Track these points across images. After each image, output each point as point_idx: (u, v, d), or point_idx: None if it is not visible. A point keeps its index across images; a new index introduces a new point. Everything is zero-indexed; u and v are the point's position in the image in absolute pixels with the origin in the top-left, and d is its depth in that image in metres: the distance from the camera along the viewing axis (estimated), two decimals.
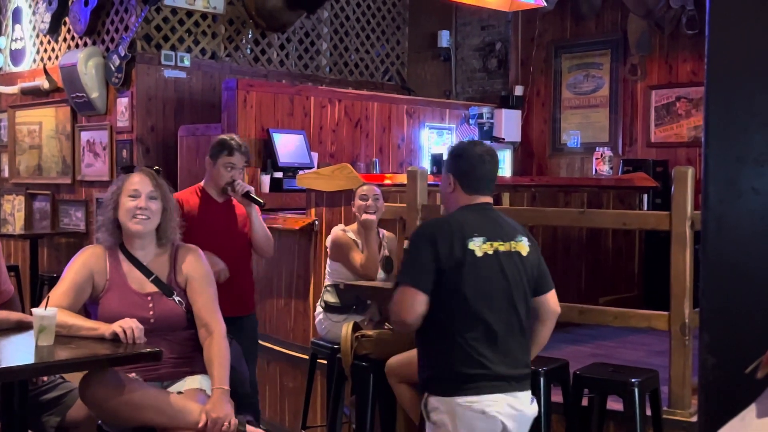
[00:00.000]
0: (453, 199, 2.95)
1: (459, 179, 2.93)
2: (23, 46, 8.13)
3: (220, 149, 4.01)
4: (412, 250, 2.83)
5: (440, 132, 7.62)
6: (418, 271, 2.78)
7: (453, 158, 2.99)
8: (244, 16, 7.55)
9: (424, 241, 2.81)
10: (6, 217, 8.42)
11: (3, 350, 2.58)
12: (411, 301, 2.76)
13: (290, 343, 5.09)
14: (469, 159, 2.93)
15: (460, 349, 2.80)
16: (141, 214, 2.97)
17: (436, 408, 2.84)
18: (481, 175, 2.93)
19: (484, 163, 2.93)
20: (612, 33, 7.65)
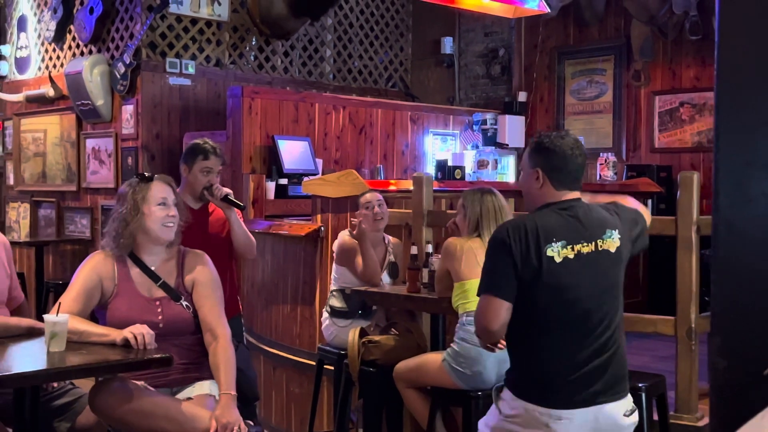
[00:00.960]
0: (540, 195, 2.75)
1: (549, 174, 2.71)
2: (28, 54, 8.16)
3: (194, 154, 3.92)
4: (489, 255, 2.71)
5: (444, 138, 7.64)
6: (499, 279, 2.64)
7: (541, 151, 2.75)
8: (249, 23, 7.58)
9: (500, 247, 2.65)
10: (11, 225, 8.44)
11: (15, 356, 2.60)
12: (495, 310, 2.62)
13: (296, 349, 5.10)
14: (561, 152, 2.71)
15: (537, 356, 2.67)
16: (170, 222, 3.02)
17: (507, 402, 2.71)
18: (572, 169, 2.74)
19: (575, 156, 2.74)
20: (615, 39, 7.67)
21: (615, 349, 2.69)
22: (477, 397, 3.48)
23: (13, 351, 2.62)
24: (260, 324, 5.54)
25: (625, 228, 2.80)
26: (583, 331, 2.64)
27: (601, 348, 2.65)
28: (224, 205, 3.92)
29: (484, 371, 3.46)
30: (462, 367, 3.47)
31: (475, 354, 3.45)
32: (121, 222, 2.99)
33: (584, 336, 2.64)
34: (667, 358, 5.07)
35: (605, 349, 2.66)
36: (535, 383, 2.66)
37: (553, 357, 2.65)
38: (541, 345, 2.66)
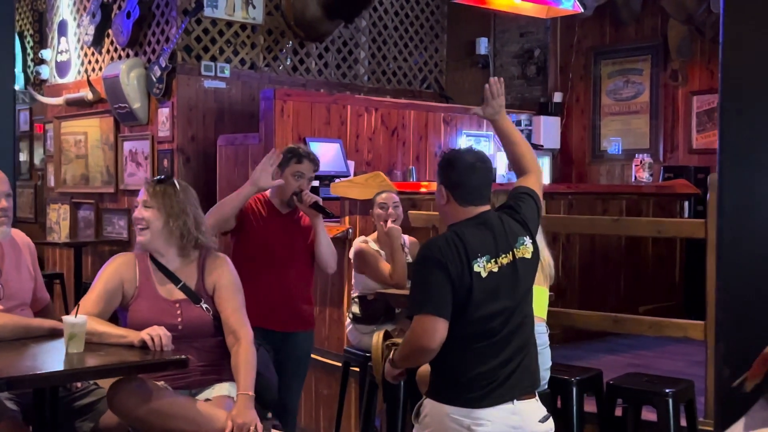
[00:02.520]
0: (449, 212, 2.81)
1: (452, 191, 2.77)
2: (68, 58, 8.31)
3: (289, 157, 3.82)
4: (423, 274, 2.69)
5: (477, 139, 7.59)
6: (436, 297, 2.65)
7: (443, 168, 2.81)
8: (283, 26, 7.62)
9: (434, 265, 2.66)
10: (52, 226, 8.60)
11: (35, 357, 2.64)
12: (433, 329, 2.63)
13: (325, 350, 5.11)
14: (461, 169, 2.76)
15: (461, 364, 2.71)
16: (137, 224, 3.03)
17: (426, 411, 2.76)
18: (476, 185, 2.77)
19: (475, 171, 2.77)
20: (652, 38, 7.56)
21: (530, 348, 2.82)
22: None
23: (33, 352, 2.67)
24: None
25: (532, 227, 2.89)
26: (505, 335, 2.72)
27: (520, 349, 2.75)
28: (312, 213, 3.82)
29: None
30: None
31: None
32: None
33: (506, 340, 2.72)
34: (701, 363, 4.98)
35: (523, 350, 2.77)
36: (458, 388, 2.70)
37: (477, 363, 2.69)
38: (465, 354, 2.70)
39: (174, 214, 2.99)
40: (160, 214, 2.99)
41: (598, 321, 3.95)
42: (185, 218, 3.00)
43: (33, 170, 9.84)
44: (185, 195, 3.04)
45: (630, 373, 3.94)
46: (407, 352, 2.78)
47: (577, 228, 4.41)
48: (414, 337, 2.69)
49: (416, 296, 2.72)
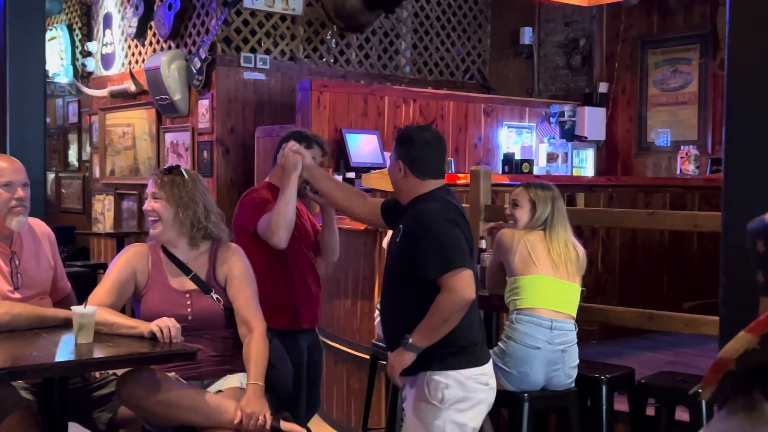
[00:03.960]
0: (406, 184, 2.96)
1: (410, 165, 2.93)
2: (113, 51, 8.40)
3: (296, 141, 3.50)
4: (442, 232, 2.82)
5: (519, 131, 7.47)
6: (464, 252, 2.84)
7: (402, 143, 2.98)
8: (323, 17, 7.59)
9: (451, 224, 2.84)
10: (97, 216, 8.72)
11: (44, 347, 2.64)
12: (470, 281, 2.80)
13: (356, 343, 5.06)
14: (419, 144, 2.95)
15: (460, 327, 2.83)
16: (149, 216, 3.00)
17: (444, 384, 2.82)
18: (434, 160, 2.98)
19: (432, 147, 2.98)
20: (701, 27, 7.33)
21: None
22: (523, 398, 3.36)
23: (43, 342, 2.67)
24: (323, 318, 5.51)
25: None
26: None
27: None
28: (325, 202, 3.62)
29: (531, 372, 3.34)
30: (508, 366, 3.35)
31: (522, 354, 3.33)
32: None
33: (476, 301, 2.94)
34: None
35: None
36: (464, 351, 2.85)
37: (471, 324, 2.89)
38: (466, 316, 2.84)
39: (183, 204, 2.95)
40: (169, 204, 2.96)
41: (632, 318, 3.83)
42: (195, 207, 2.97)
43: (81, 162, 9.99)
44: (194, 184, 3.00)
45: (663, 372, 3.81)
46: (448, 314, 2.79)
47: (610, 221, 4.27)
48: (456, 295, 2.76)
49: (444, 254, 2.79)
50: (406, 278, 2.90)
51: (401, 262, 2.91)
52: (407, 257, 2.86)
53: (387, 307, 3.09)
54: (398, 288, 2.96)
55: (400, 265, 2.92)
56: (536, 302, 3.43)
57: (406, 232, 2.89)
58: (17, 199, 2.93)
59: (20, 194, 2.94)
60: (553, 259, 3.50)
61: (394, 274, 2.98)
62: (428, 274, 2.79)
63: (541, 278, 3.47)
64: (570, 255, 3.54)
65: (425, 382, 2.83)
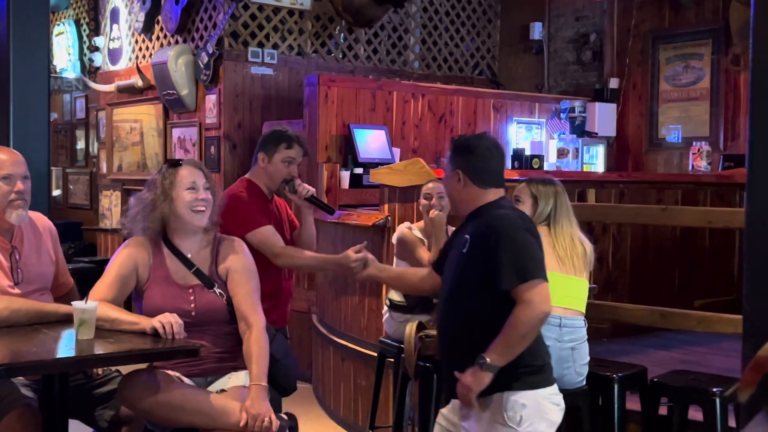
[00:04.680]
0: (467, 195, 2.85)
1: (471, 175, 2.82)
2: (120, 45, 8.36)
3: (277, 142, 3.53)
4: (524, 241, 2.70)
5: (529, 127, 7.39)
6: (541, 264, 2.73)
7: (461, 153, 2.86)
8: (331, 11, 7.53)
9: (527, 233, 2.74)
10: (104, 212, 8.69)
11: (43, 343, 2.58)
12: (547, 293, 2.67)
13: (363, 340, 5.01)
14: (480, 153, 2.84)
15: (534, 345, 2.72)
16: (200, 206, 2.95)
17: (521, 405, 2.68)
18: (496, 168, 2.88)
19: (494, 155, 2.88)
20: (713, 22, 7.23)
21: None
22: None
23: (43, 338, 2.62)
24: (330, 315, 5.48)
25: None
26: None
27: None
28: (306, 205, 3.61)
29: None
30: None
31: None
32: (147, 206, 2.96)
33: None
34: None
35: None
36: (540, 370, 2.74)
37: (541, 340, 2.79)
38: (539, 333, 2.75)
39: (217, 198, 3.00)
40: (212, 196, 2.98)
41: (644, 315, 3.76)
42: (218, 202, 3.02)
43: (89, 157, 9.95)
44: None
45: (676, 371, 3.74)
46: (526, 329, 2.64)
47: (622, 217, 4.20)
48: (534, 308, 2.62)
49: (521, 263, 2.66)
50: (474, 290, 2.74)
51: (469, 272, 2.75)
52: (477, 267, 2.72)
53: (448, 322, 2.86)
54: (464, 301, 2.78)
55: (468, 276, 2.76)
56: None
57: (476, 241, 2.74)
58: (17, 192, 2.88)
59: (20, 187, 2.89)
60: (559, 255, 3.43)
61: (460, 286, 2.80)
62: (503, 284, 2.64)
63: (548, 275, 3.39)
64: (576, 250, 3.47)
65: (502, 404, 2.68)
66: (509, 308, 2.64)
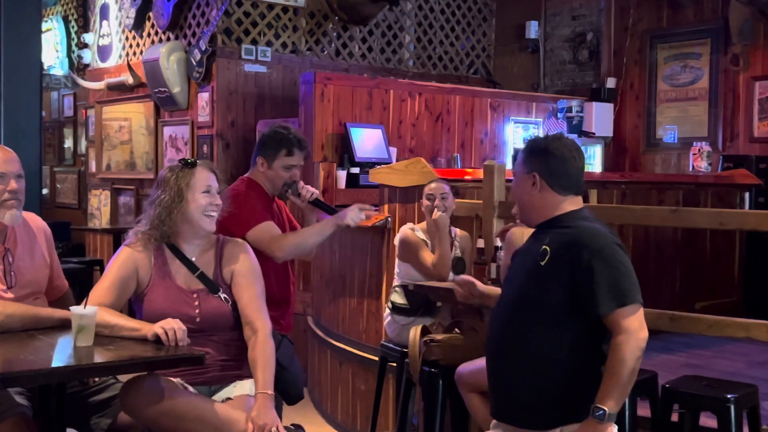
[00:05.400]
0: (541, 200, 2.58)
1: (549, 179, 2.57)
2: (110, 42, 8.21)
3: (278, 147, 3.39)
4: (621, 260, 2.47)
5: (526, 126, 7.30)
6: (637, 284, 2.50)
7: (539, 155, 2.59)
8: (326, 9, 7.42)
9: (621, 250, 2.51)
10: (93, 212, 8.54)
11: (40, 351, 2.45)
12: (643, 318, 2.48)
13: (362, 344, 4.90)
14: (561, 156, 2.57)
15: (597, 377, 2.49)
16: (212, 211, 2.84)
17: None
18: (576, 173, 2.61)
19: (575, 159, 2.61)
20: (712, 21, 7.18)
21: None
22: None
23: (39, 345, 2.49)
24: (327, 317, 5.37)
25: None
26: None
27: None
28: (309, 208, 3.51)
29: None
30: None
31: None
32: (165, 209, 2.81)
33: None
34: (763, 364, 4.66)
35: None
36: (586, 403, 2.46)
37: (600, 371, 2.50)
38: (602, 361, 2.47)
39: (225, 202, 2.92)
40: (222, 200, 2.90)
41: (653, 319, 3.64)
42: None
43: (77, 156, 9.79)
44: None
45: (687, 376, 3.64)
46: (635, 363, 2.44)
47: (631, 219, 4.11)
48: (636, 337, 2.44)
49: (619, 285, 2.43)
50: (550, 306, 2.49)
51: (547, 287, 2.50)
52: (559, 284, 2.47)
53: (509, 334, 2.59)
54: (534, 316, 2.52)
55: (544, 290, 2.50)
56: None
57: (561, 255, 2.47)
58: (11, 191, 2.75)
59: (14, 186, 2.76)
60: None
61: (530, 299, 2.54)
62: (601, 309, 2.41)
63: None
64: None
65: None
66: (589, 330, 2.47)
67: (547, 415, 2.51)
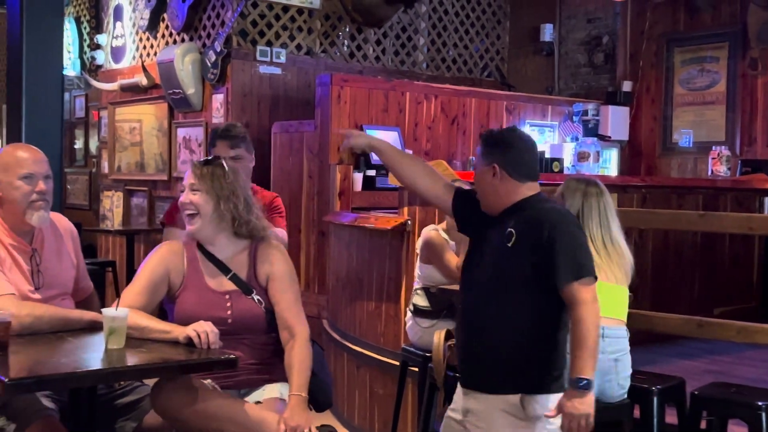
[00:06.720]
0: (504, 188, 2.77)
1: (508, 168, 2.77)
2: (123, 43, 8.19)
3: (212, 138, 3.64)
4: (579, 237, 2.72)
5: (542, 129, 7.26)
6: (593, 260, 2.74)
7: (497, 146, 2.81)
8: (341, 11, 7.39)
9: (580, 228, 2.80)
10: (105, 213, 8.52)
11: (72, 353, 2.42)
12: (596, 292, 2.67)
13: (381, 348, 4.86)
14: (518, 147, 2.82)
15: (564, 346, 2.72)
16: (185, 209, 2.80)
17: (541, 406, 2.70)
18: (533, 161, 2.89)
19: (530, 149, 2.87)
20: (730, 25, 7.13)
21: None
22: None
23: (69, 347, 2.45)
24: (344, 320, 5.33)
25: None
26: None
27: None
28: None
29: None
30: None
31: None
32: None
33: None
34: None
35: None
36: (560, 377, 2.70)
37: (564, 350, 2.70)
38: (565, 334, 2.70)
39: (224, 196, 2.76)
40: (209, 197, 2.76)
41: (679, 325, 3.63)
42: (236, 201, 2.77)
43: (88, 157, 9.77)
44: (234, 176, 2.81)
45: (715, 383, 3.61)
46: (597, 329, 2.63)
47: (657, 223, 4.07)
48: (593, 306, 2.61)
49: (577, 259, 2.65)
50: (518, 283, 2.69)
51: (514, 266, 2.69)
52: (524, 261, 2.66)
53: (480, 313, 2.79)
54: (504, 294, 2.72)
55: (512, 269, 2.70)
56: None
57: (525, 235, 2.68)
58: (39, 192, 2.72)
59: (42, 187, 2.73)
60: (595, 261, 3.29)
61: (500, 279, 2.73)
62: (558, 280, 2.61)
63: None
64: (612, 256, 3.33)
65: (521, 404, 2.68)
66: (554, 307, 2.67)
67: (511, 381, 2.70)
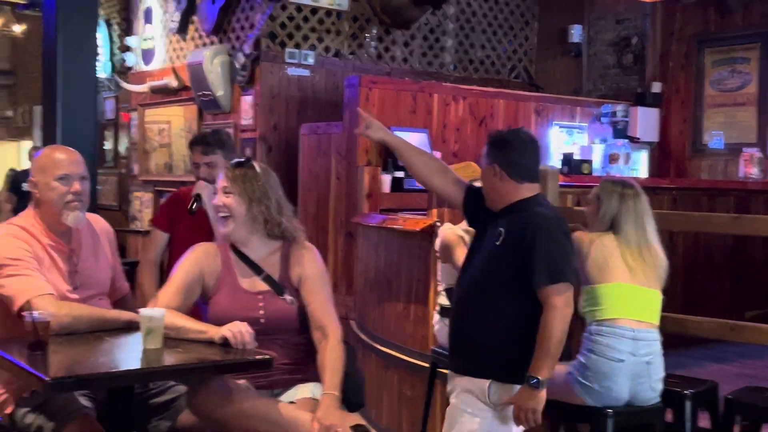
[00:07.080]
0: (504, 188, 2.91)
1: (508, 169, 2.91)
2: (153, 46, 8.27)
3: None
4: (562, 243, 2.83)
5: (570, 131, 7.23)
6: (573, 267, 2.87)
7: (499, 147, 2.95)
8: (369, 12, 7.41)
9: (566, 236, 2.87)
10: (135, 214, 8.60)
11: (109, 353, 2.46)
12: (571, 298, 2.80)
13: (409, 349, 4.86)
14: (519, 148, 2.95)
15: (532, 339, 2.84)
16: (218, 212, 2.83)
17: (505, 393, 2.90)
18: (533, 163, 3.00)
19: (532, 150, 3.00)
20: (761, 25, 7.06)
21: None
22: (606, 414, 3.13)
23: (107, 347, 2.49)
24: (372, 321, 5.34)
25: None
26: None
27: None
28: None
29: (615, 386, 3.12)
30: (590, 381, 3.13)
31: (605, 368, 3.11)
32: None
33: None
34: None
35: None
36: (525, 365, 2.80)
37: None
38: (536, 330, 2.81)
39: (256, 198, 2.79)
40: (242, 199, 2.79)
41: (713, 328, 3.59)
42: (267, 203, 2.80)
43: (118, 158, 9.86)
44: (266, 178, 2.85)
45: (749, 387, 3.58)
46: (562, 334, 2.77)
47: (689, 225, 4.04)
48: (561, 312, 2.73)
49: (554, 264, 2.77)
50: (501, 283, 2.83)
51: (499, 265, 2.84)
52: (508, 261, 2.80)
53: (465, 313, 2.98)
54: (488, 292, 2.88)
55: (497, 268, 2.84)
56: (616, 312, 3.21)
57: (512, 236, 2.82)
58: (74, 193, 2.76)
59: (77, 188, 2.77)
60: (629, 264, 3.28)
61: (486, 276, 2.88)
62: (533, 281, 2.74)
63: (618, 286, 3.25)
64: (646, 259, 3.32)
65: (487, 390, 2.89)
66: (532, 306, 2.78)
67: (482, 367, 2.90)
